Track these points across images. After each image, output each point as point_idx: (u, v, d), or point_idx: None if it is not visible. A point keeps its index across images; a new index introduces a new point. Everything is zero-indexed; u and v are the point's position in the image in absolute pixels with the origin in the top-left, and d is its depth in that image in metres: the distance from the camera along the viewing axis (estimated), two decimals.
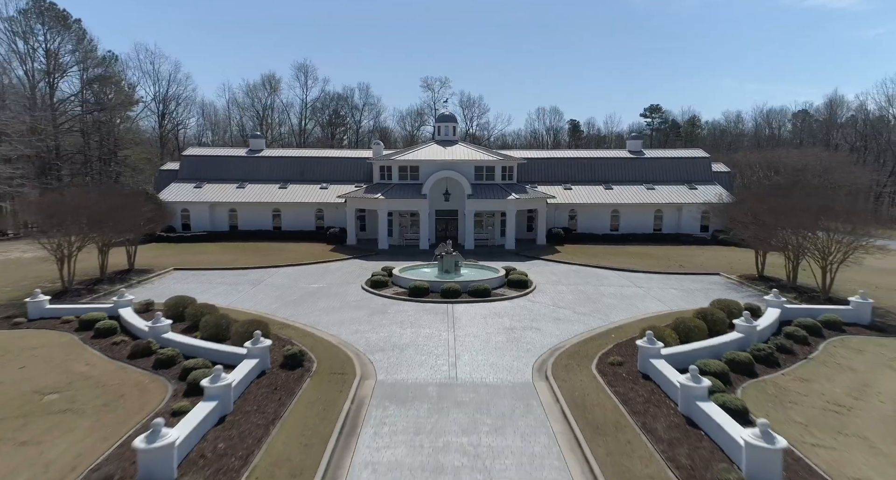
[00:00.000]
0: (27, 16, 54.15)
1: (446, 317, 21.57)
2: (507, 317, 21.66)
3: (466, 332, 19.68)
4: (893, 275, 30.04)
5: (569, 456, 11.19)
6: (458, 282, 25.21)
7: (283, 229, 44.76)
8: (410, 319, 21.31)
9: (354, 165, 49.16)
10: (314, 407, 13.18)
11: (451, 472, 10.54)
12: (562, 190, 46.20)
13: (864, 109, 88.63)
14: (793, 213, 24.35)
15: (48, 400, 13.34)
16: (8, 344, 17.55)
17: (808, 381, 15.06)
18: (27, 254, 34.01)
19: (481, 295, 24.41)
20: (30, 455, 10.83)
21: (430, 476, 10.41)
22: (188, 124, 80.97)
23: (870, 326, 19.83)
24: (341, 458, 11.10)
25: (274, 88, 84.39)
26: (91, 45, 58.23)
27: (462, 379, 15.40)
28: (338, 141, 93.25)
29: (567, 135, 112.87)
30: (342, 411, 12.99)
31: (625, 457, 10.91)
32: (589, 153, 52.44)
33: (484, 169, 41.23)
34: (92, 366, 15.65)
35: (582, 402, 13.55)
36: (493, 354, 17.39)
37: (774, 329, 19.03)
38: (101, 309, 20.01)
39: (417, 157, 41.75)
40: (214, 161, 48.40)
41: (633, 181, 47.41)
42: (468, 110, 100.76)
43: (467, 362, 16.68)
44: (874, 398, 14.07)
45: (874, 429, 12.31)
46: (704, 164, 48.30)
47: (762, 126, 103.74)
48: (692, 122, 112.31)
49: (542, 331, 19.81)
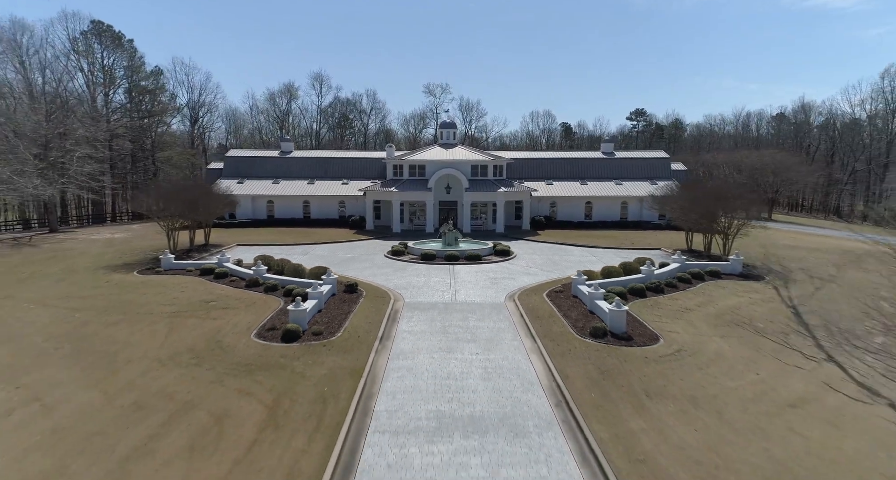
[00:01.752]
0: (87, 37, 62.98)
1: (449, 272, 30.42)
2: (492, 272, 30.50)
3: (463, 280, 28.53)
4: (792, 246, 38.92)
5: (520, 329, 20.08)
6: (458, 250, 34.09)
7: (312, 217, 53.63)
8: (423, 273, 30.16)
9: (369, 164, 57.99)
10: (369, 310, 22.06)
11: (451, 332, 19.43)
12: (544, 185, 55.03)
13: (831, 113, 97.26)
14: (701, 202, 33.26)
15: (212, 304, 22.26)
16: (163, 281, 26.61)
17: (676, 299, 23.97)
18: (117, 235, 42.97)
19: (474, 259, 33.28)
20: (220, 323, 19.73)
21: (440, 334, 19.30)
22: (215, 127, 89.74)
23: (739, 274, 28.75)
24: (390, 329, 19.97)
25: (293, 96, 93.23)
26: (140, 60, 67.11)
27: (459, 301, 24.24)
28: (346, 142, 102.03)
29: (559, 136, 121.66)
30: (387, 311, 21.87)
31: (550, 326, 19.82)
32: (568, 154, 61.36)
33: (479, 167, 50.07)
34: (225, 290, 24.60)
35: (531, 308, 22.43)
36: (479, 290, 26.24)
37: (673, 275, 27.85)
38: (212, 263, 28.96)
39: (424, 158, 50.59)
40: (252, 161, 57.31)
41: (605, 178, 56.28)
42: (467, 114, 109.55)
43: (462, 294, 25.52)
44: (711, 306, 22.96)
45: (698, 319, 21.17)
46: (664, 164, 57.16)
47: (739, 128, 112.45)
48: (675, 125, 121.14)
49: (515, 280, 28.63)
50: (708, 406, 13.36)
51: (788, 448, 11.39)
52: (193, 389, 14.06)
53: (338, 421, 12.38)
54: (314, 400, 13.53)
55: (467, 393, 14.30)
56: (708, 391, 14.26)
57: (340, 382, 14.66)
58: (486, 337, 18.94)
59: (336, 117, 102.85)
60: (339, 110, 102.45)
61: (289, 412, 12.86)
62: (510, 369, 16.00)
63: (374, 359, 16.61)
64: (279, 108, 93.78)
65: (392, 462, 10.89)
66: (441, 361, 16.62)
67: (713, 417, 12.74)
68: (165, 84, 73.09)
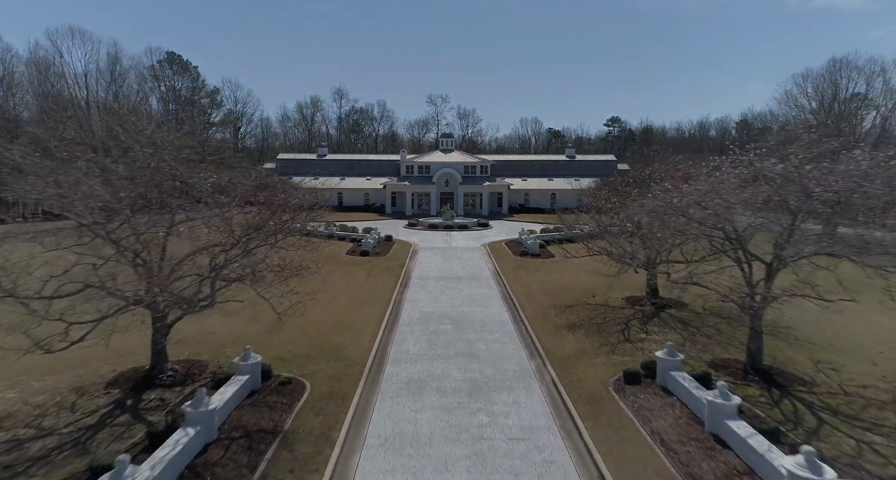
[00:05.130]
0: (162, 65, 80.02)
1: (447, 234, 47.52)
2: (474, 234, 47.58)
3: (455, 237, 45.62)
4: None
5: (484, 254, 37.48)
6: (453, 223, 51.19)
7: (345, 205, 70.62)
8: (430, 235, 47.25)
9: (385, 164, 74.93)
10: (401, 248, 39.27)
11: (447, 256, 36.73)
12: (520, 180, 72.03)
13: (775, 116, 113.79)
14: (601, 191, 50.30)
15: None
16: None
17: (573, 244, 41.10)
18: None
19: (463, 228, 50.38)
20: (332, 250, 36.86)
21: (441, 256, 36.53)
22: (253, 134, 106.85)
23: None
24: (413, 255, 37.19)
25: (317, 108, 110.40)
26: (202, 82, 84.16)
27: (452, 246, 41.34)
28: (357, 145, 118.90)
29: (546, 139, 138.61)
30: (411, 249, 39.06)
31: (500, 252, 37.20)
32: (538, 157, 78.34)
33: (470, 167, 67.05)
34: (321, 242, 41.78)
35: (493, 247, 39.64)
36: (464, 242, 43.33)
37: None
38: None
39: (428, 160, 67.55)
40: (298, 162, 74.30)
41: (566, 175, 73.22)
42: (464, 120, 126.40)
43: (454, 243, 42.58)
44: None
45: (573, 250, 38.28)
46: (612, 165, 74.13)
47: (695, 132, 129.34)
48: (646, 130, 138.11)
49: (487, 238, 45.69)
50: (554, 274, 30.43)
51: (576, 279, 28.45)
52: (336, 268, 31.11)
53: (397, 276, 29.53)
54: (385, 270, 30.69)
55: (455, 270, 31.45)
56: (558, 270, 31.34)
57: (395, 267, 31.80)
58: (466, 257, 36.10)
59: (350, 123, 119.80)
60: (354, 118, 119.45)
61: (374, 273, 30.00)
62: (476, 265, 33.13)
63: (408, 262, 33.75)
64: (306, 118, 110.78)
65: (421, 288, 28.03)
66: (441, 263, 33.81)
67: (554, 274, 29.81)
68: (222, 100, 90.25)
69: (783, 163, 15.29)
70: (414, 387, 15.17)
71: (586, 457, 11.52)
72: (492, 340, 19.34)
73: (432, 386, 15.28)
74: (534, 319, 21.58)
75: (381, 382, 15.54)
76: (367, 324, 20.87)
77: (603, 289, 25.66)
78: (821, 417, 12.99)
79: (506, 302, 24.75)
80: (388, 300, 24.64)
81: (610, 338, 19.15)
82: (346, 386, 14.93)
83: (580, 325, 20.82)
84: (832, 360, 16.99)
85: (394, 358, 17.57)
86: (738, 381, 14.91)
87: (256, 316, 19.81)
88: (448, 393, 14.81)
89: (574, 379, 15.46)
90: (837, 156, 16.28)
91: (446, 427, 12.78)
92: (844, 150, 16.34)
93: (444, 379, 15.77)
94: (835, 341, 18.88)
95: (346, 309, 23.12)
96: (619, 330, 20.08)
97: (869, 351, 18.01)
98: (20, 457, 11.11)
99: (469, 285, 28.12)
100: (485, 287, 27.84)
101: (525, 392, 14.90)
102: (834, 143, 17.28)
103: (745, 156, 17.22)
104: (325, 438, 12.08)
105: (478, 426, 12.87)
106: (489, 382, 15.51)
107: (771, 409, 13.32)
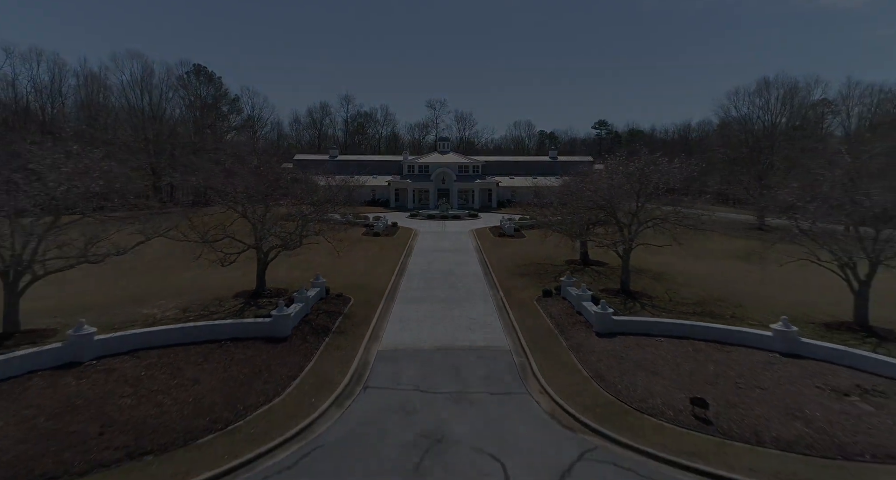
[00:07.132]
0: (189, 76, 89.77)
1: (442, 223, 57.40)
2: (465, 222, 57.44)
3: (449, 225, 55.50)
4: None
5: (471, 236, 47.40)
6: (448, 214, 61.10)
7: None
8: (428, 223, 57.12)
9: (389, 164, 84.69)
10: (405, 232, 49.20)
11: (441, 237, 46.65)
12: (508, 179, 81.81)
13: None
14: None
15: None
16: None
17: None
18: None
19: (457, 218, 60.30)
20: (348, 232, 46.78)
21: (436, 237, 46.47)
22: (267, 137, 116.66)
23: None
24: (415, 236, 47.10)
25: (326, 113, 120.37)
26: (224, 90, 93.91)
27: (447, 231, 51.23)
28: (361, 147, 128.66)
29: (536, 141, 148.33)
30: (411, 234, 48.98)
31: (483, 234, 47.22)
32: (525, 158, 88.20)
33: (464, 166, 76.85)
34: None
35: (479, 232, 49.58)
36: (456, 228, 53.21)
37: None
38: None
39: (427, 161, 77.39)
40: (312, 162, 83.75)
41: (549, 174, 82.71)
42: (461, 123, 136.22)
43: (447, 229, 52.46)
44: None
45: None
46: (589, 165, 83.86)
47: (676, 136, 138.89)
48: (631, 133, 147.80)
49: (476, 225, 55.52)
50: (522, 247, 40.27)
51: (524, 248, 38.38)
52: (354, 245, 40.95)
53: (402, 249, 39.45)
54: (393, 246, 40.63)
55: (446, 246, 41.37)
56: (526, 246, 41.18)
57: (401, 244, 41.73)
58: (455, 238, 46.05)
59: (355, 126, 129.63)
60: (359, 121, 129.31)
61: (386, 248, 39.91)
62: (463, 243, 43.04)
63: (410, 241, 43.67)
64: (316, 121, 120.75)
65: (420, 256, 37.94)
66: (436, 241, 43.73)
67: (522, 248, 39.66)
68: (242, 107, 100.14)
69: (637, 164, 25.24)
70: (415, 301, 25.06)
71: (509, 325, 21.43)
72: (467, 281, 29.24)
73: (426, 300, 25.16)
74: (498, 271, 31.45)
75: (396, 300, 25.42)
76: (383, 275, 30.74)
77: (555, 257, 35.50)
78: (644, 308, 22.90)
79: (482, 266, 34.57)
80: (396, 263, 34.51)
81: (544, 280, 29.02)
82: (375, 300, 24.81)
83: (528, 274, 30.67)
84: (679, 289, 26.90)
85: (402, 289, 27.47)
86: (612, 297, 24.77)
87: (311, 268, 29.71)
88: (436, 302, 24.71)
89: (515, 298, 25.32)
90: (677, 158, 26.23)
91: (434, 316, 22.66)
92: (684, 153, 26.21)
93: (434, 298, 25.63)
94: (688, 279, 28.83)
95: (368, 268, 32.99)
96: (553, 277, 29.92)
97: (704, 283, 27.96)
98: (213, 315, 21.03)
99: (456, 255, 37.96)
100: (467, 256, 37.68)
101: (483, 303, 24.79)
102: None
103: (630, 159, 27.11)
104: (366, 318, 21.98)
105: (451, 316, 22.73)
106: (461, 299, 25.38)
107: (620, 305, 23.20)
